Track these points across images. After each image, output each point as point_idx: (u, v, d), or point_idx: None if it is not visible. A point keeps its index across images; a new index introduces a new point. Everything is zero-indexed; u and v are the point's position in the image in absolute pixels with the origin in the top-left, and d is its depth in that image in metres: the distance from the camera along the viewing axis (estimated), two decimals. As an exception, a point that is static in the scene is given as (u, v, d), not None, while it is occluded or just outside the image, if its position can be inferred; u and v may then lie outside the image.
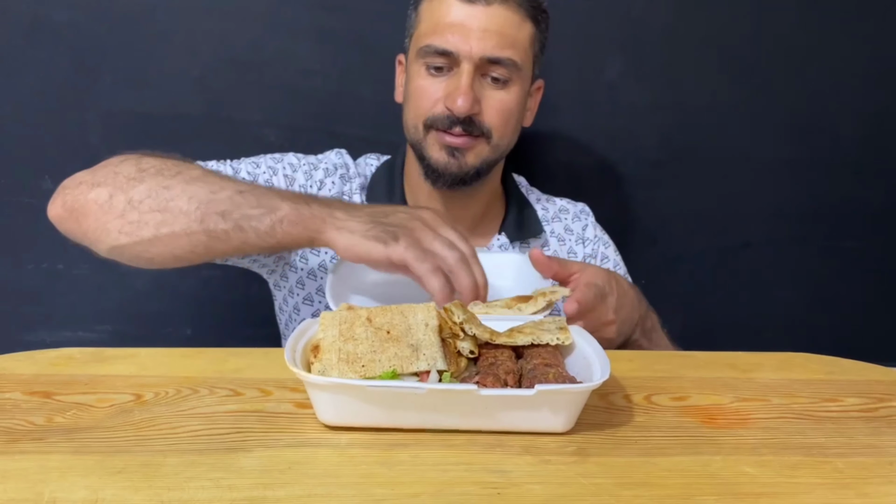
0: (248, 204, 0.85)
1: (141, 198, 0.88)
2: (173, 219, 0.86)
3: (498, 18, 1.02)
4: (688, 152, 1.48)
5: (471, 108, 1.02)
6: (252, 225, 0.84)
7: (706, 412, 0.69)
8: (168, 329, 1.45)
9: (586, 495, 0.53)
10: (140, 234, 0.88)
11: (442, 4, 1.03)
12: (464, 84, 1.01)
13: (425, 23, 1.06)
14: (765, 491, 0.54)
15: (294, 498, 0.51)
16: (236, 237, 0.85)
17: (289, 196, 0.87)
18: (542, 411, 0.61)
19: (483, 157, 1.07)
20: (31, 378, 0.73)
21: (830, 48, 1.47)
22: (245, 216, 0.85)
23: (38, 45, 1.32)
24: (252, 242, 0.86)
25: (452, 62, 1.03)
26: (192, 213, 0.86)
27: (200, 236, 0.86)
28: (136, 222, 0.87)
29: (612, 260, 1.24)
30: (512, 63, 1.03)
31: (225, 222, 0.85)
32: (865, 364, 0.85)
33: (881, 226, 1.55)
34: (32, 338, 1.41)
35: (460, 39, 1.01)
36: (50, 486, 0.52)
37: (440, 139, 1.05)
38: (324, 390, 0.61)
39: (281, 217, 0.84)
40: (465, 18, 1.01)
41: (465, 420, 0.61)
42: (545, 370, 0.64)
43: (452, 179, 1.07)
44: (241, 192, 0.87)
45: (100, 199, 0.89)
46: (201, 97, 1.36)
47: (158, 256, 0.89)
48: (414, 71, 1.07)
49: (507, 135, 1.09)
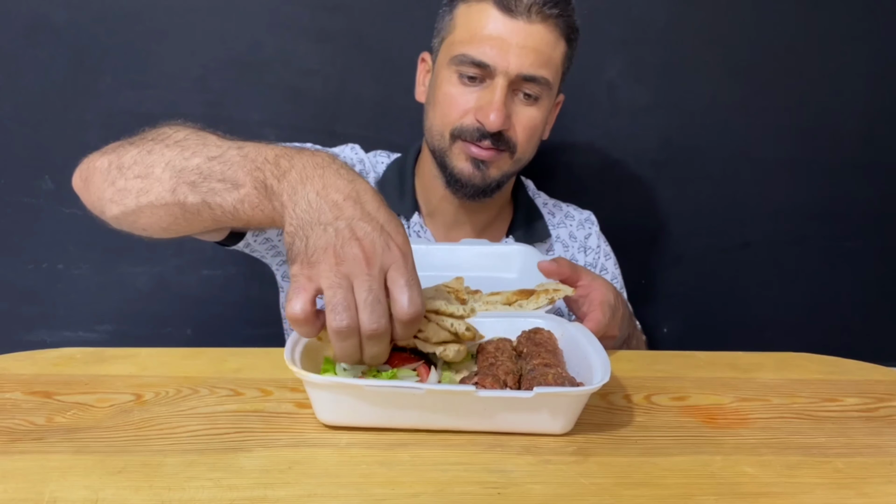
0: (214, 175, 0.73)
1: (129, 164, 0.80)
2: (150, 186, 0.77)
3: (537, 36, 1.01)
4: (688, 152, 1.48)
5: (503, 123, 1.01)
6: (217, 202, 0.72)
7: (706, 412, 0.69)
8: (168, 329, 1.45)
9: (586, 495, 0.53)
10: (125, 203, 0.80)
11: (482, 13, 1.01)
12: (497, 99, 1.00)
13: (462, 29, 1.04)
14: (765, 491, 0.54)
15: (294, 498, 0.51)
16: (206, 213, 0.74)
17: (257, 166, 0.71)
18: (540, 413, 0.60)
19: (505, 171, 1.07)
20: (32, 378, 0.73)
21: (830, 48, 1.47)
22: (211, 190, 0.73)
23: (38, 45, 1.32)
24: (223, 220, 0.74)
25: (487, 74, 1.02)
26: (167, 181, 0.76)
27: (174, 208, 0.76)
28: (123, 190, 0.80)
29: (610, 273, 1.25)
30: (545, 81, 1.03)
31: (193, 195, 0.74)
32: (865, 364, 0.85)
33: (881, 226, 1.55)
34: (32, 338, 1.41)
35: (498, 54, 1.00)
36: (50, 486, 0.52)
37: (466, 150, 1.04)
38: (322, 389, 0.61)
39: (242, 197, 0.71)
40: (505, 32, 1.00)
41: (463, 421, 0.61)
42: (545, 371, 0.64)
43: (475, 190, 1.07)
44: (212, 157, 0.74)
45: (102, 166, 0.83)
46: (201, 97, 1.36)
47: (150, 227, 0.81)
48: (444, 76, 1.06)
49: (530, 149, 1.09)
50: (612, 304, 0.90)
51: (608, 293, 0.91)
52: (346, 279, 0.61)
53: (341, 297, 0.60)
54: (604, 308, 0.88)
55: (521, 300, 0.82)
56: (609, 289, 0.93)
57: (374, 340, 0.61)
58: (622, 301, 0.97)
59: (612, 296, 0.92)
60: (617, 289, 1.00)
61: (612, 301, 0.91)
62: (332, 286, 0.61)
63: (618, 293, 0.95)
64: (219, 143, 0.77)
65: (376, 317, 0.60)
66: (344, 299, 0.60)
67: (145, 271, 1.43)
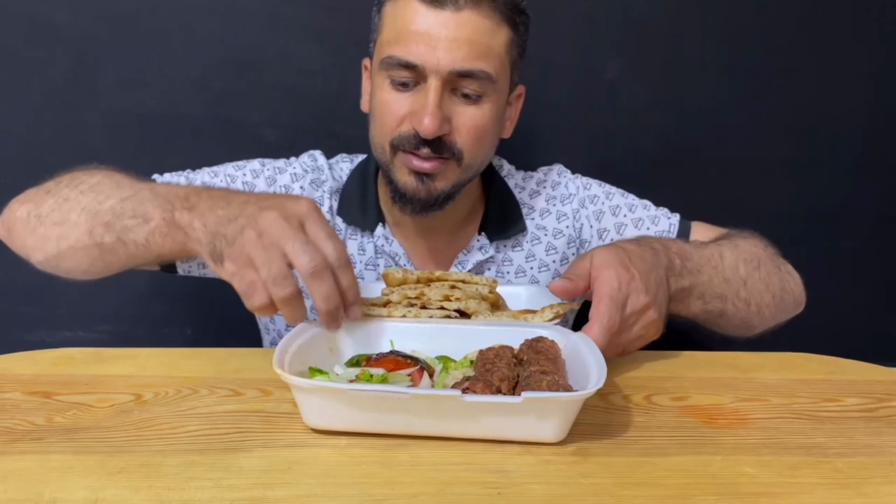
0: (126, 213, 0.78)
1: (47, 212, 0.85)
2: (67, 231, 0.82)
3: (468, 25, 0.90)
4: (688, 152, 1.48)
5: (438, 128, 0.91)
6: (130, 237, 0.78)
7: (706, 412, 0.69)
8: (168, 329, 1.45)
9: (586, 495, 0.53)
10: (47, 249, 0.85)
11: (406, 10, 0.92)
12: (430, 102, 0.90)
13: (388, 29, 0.95)
14: (765, 491, 0.54)
15: (294, 498, 0.51)
16: (122, 250, 0.79)
17: (168, 200, 0.76)
18: (530, 419, 0.58)
19: (453, 181, 0.97)
20: (32, 378, 0.73)
21: (830, 48, 1.47)
22: (124, 227, 0.78)
23: (38, 45, 1.32)
24: (137, 255, 0.80)
25: (418, 76, 0.92)
26: (82, 224, 0.81)
27: (93, 250, 0.81)
28: (43, 237, 0.85)
29: (600, 197, 1.14)
30: (485, 76, 0.92)
31: (108, 234, 0.79)
32: (865, 364, 0.85)
33: (881, 226, 1.55)
34: (32, 338, 1.41)
35: (426, 51, 0.90)
36: (50, 486, 0.52)
37: (407, 162, 0.95)
38: (308, 393, 0.60)
39: (153, 228, 0.76)
40: (432, 26, 0.90)
41: (452, 426, 0.60)
42: (540, 377, 0.62)
43: (422, 205, 0.97)
44: (125, 199, 0.79)
45: (22, 216, 0.89)
46: (201, 97, 1.36)
47: (72, 270, 0.86)
48: (378, 83, 0.97)
49: (481, 154, 0.99)
50: (615, 288, 0.75)
51: (609, 277, 0.76)
52: (272, 247, 0.66)
53: (276, 268, 0.66)
54: (607, 302, 0.75)
55: (526, 315, 0.81)
56: (609, 266, 0.77)
57: (318, 279, 0.66)
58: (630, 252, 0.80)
59: (613, 272, 0.76)
60: (622, 246, 0.82)
61: (615, 284, 0.76)
62: (266, 262, 0.66)
63: (618, 253, 0.79)
64: (131, 184, 0.84)
65: (310, 256, 0.66)
66: (279, 269, 0.66)
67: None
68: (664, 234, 1.11)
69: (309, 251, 0.66)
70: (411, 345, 0.75)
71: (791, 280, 1.02)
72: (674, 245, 0.89)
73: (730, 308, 0.92)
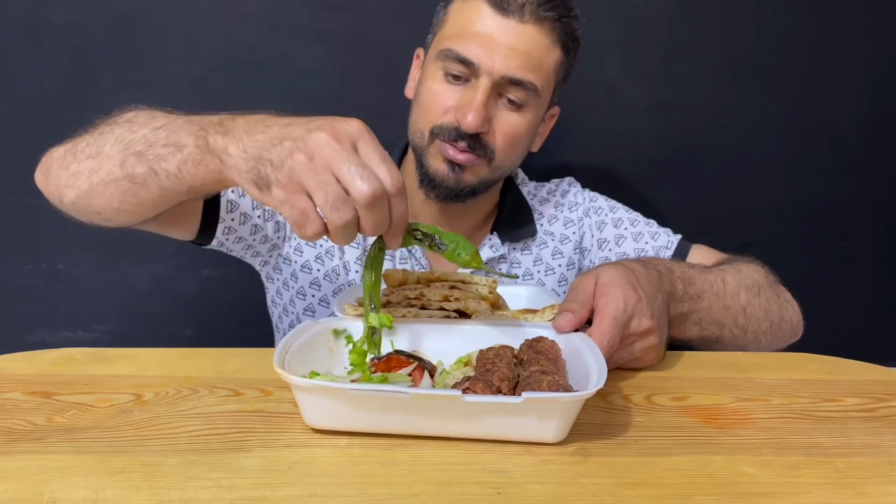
0: (159, 142, 0.74)
1: (82, 147, 0.82)
2: (100, 164, 0.79)
3: (528, 38, 0.97)
4: (688, 152, 1.48)
5: (480, 125, 0.97)
6: (163, 167, 0.73)
7: (706, 412, 0.69)
8: (168, 329, 1.45)
9: (586, 495, 0.53)
10: (79, 185, 0.81)
11: (473, 10, 0.98)
12: (477, 100, 0.96)
13: (452, 24, 1.01)
14: (765, 491, 0.54)
15: (294, 498, 0.51)
16: (153, 182, 0.75)
17: (201, 127, 0.73)
18: (530, 419, 0.58)
19: (481, 177, 1.03)
20: (32, 378, 0.73)
21: (830, 48, 1.47)
22: (157, 157, 0.74)
23: (38, 45, 1.32)
24: (169, 188, 0.75)
25: (471, 73, 0.98)
26: (115, 156, 0.77)
27: (124, 183, 0.77)
28: (76, 173, 0.82)
29: (604, 209, 1.20)
30: (532, 87, 0.99)
31: (140, 164, 0.75)
32: (865, 364, 0.85)
33: (881, 226, 1.55)
34: (32, 338, 1.41)
35: (484, 52, 0.96)
36: (50, 486, 0.52)
37: (443, 150, 1.00)
38: (308, 393, 0.60)
39: (185, 156, 0.72)
40: (495, 31, 0.96)
41: (452, 426, 0.60)
42: (540, 378, 0.62)
43: (447, 193, 1.03)
44: (158, 128, 0.76)
45: (58, 155, 0.86)
46: (201, 97, 1.36)
47: (104, 209, 0.82)
48: (430, 72, 1.02)
49: (511, 159, 1.05)
50: (621, 309, 0.74)
51: (615, 297, 0.75)
52: (325, 171, 0.61)
53: (333, 192, 0.60)
54: (610, 322, 0.73)
55: (526, 315, 0.82)
56: (615, 288, 0.76)
57: (375, 207, 0.61)
58: (636, 273, 0.79)
59: (620, 294, 0.75)
60: (628, 266, 0.81)
61: (620, 305, 0.74)
62: (320, 186, 0.61)
63: (626, 273, 0.78)
64: (167, 116, 0.79)
65: (369, 181, 0.60)
66: (336, 194, 0.60)
67: (145, 271, 1.43)
68: (662, 249, 1.14)
69: (367, 175, 0.60)
70: (411, 345, 0.75)
71: (790, 308, 1.03)
72: (678, 269, 0.89)
73: (726, 334, 0.93)
